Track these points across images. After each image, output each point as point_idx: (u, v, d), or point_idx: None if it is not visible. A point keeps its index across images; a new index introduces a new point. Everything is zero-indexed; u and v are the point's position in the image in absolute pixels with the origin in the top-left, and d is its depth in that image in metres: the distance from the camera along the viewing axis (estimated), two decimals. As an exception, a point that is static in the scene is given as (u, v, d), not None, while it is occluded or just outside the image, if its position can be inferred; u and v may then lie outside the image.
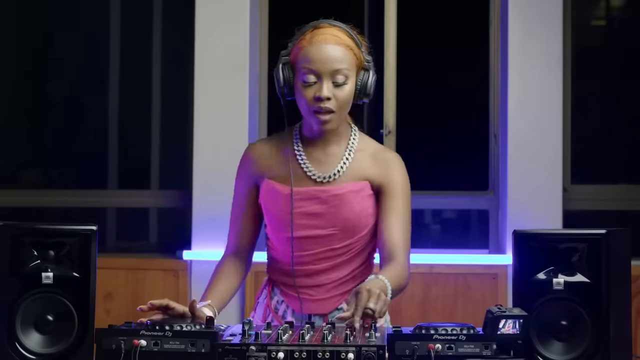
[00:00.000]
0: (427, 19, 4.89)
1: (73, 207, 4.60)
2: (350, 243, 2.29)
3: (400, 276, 2.20)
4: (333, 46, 2.21)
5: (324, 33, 2.23)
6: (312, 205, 2.27)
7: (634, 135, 4.54)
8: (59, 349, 1.90)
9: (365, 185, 2.29)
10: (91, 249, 1.92)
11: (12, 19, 4.85)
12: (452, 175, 4.66)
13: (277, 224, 2.29)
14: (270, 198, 2.29)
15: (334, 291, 2.31)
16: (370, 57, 2.28)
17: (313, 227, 2.27)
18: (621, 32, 4.90)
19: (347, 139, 2.33)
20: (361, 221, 2.28)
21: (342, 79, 2.21)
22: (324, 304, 2.32)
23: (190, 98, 4.23)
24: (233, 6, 4.18)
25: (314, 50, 2.21)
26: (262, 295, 2.41)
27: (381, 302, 1.96)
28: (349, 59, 2.22)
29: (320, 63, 2.20)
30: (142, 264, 4.21)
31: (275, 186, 2.29)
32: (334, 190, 2.27)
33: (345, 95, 2.23)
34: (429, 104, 4.83)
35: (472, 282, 4.06)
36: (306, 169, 2.29)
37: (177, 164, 4.53)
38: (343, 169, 2.29)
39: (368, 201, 2.29)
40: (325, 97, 2.20)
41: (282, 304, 2.36)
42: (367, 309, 1.93)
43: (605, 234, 1.93)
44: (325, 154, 2.31)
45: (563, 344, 1.92)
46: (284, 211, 2.27)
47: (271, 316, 2.36)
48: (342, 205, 2.26)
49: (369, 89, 2.26)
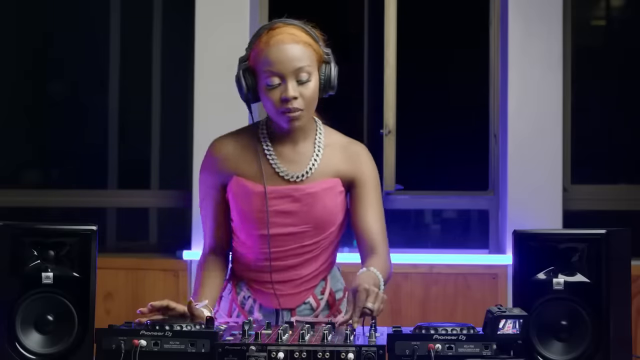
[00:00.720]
0: (427, 18, 4.89)
1: (73, 207, 4.60)
2: (320, 239, 2.32)
3: (386, 267, 2.24)
4: (291, 45, 2.20)
5: (281, 33, 2.22)
6: (286, 204, 2.28)
7: (634, 135, 4.54)
8: (59, 349, 1.90)
9: (337, 182, 2.31)
10: (91, 249, 1.93)
11: (12, 19, 4.85)
12: (452, 175, 4.66)
13: (248, 221, 2.30)
14: (242, 196, 2.30)
15: (302, 286, 2.34)
16: (328, 49, 2.28)
17: (286, 224, 2.29)
18: (621, 32, 4.90)
19: (313, 134, 2.34)
20: (332, 218, 2.31)
21: (306, 77, 2.21)
22: (292, 299, 2.34)
23: (190, 98, 4.23)
24: (233, 6, 4.18)
25: (273, 52, 2.20)
26: (227, 290, 2.41)
27: (379, 300, 1.97)
28: (309, 56, 2.22)
29: (282, 64, 2.20)
30: (142, 264, 4.21)
31: (247, 184, 2.29)
32: (307, 189, 2.28)
33: (311, 92, 2.23)
34: (429, 103, 4.82)
35: (472, 282, 4.06)
36: (277, 169, 2.29)
37: (177, 164, 4.53)
38: (314, 166, 2.30)
39: (339, 197, 2.31)
40: (292, 97, 2.20)
41: (249, 299, 2.37)
42: (365, 309, 1.94)
43: (605, 234, 1.93)
44: (294, 152, 2.31)
45: (563, 344, 1.92)
46: (257, 209, 2.28)
47: (237, 311, 2.37)
48: (315, 203, 2.28)
49: (333, 82, 2.27)
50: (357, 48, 4.64)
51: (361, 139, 4.44)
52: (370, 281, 2.06)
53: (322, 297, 2.36)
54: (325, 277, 2.39)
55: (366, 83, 4.71)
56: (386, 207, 4.28)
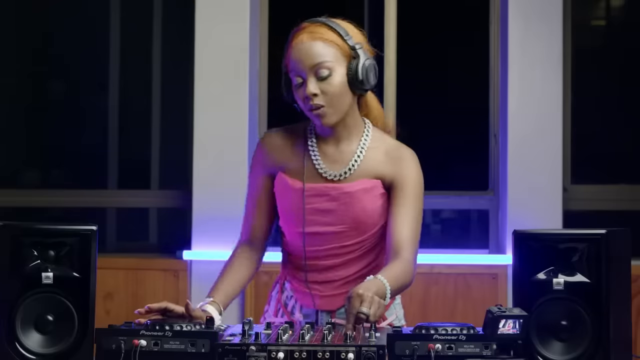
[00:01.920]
0: (427, 18, 4.89)
1: (73, 207, 4.60)
2: (361, 241, 2.29)
3: (404, 273, 2.17)
4: (309, 42, 2.20)
5: (301, 33, 2.23)
6: (323, 202, 2.26)
7: (634, 135, 4.54)
8: (59, 349, 1.90)
9: (377, 184, 2.28)
10: (91, 249, 1.92)
11: (11, 18, 4.85)
12: (452, 175, 4.66)
13: (288, 218, 2.30)
14: (282, 192, 2.30)
15: (342, 288, 2.30)
16: (359, 43, 2.25)
17: (323, 223, 2.27)
18: (621, 32, 4.90)
19: (359, 135, 2.32)
20: (372, 219, 2.27)
21: (326, 72, 2.20)
22: (332, 301, 2.31)
23: (190, 98, 4.23)
24: (233, 6, 4.17)
25: (294, 53, 2.22)
26: (275, 290, 2.41)
27: (375, 304, 1.93)
28: (329, 51, 2.21)
29: (300, 62, 2.20)
30: (142, 264, 4.21)
31: (287, 180, 2.29)
32: (345, 188, 2.26)
33: (334, 87, 2.21)
34: (429, 103, 4.83)
35: (472, 282, 4.06)
36: (318, 167, 2.28)
37: (177, 164, 4.53)
38: (354, 166, 2.28)
39: (379, 200, 2.28)
40: (310, 94, 2.20)
41: (292, 299, 2.36)
42: (360, 314, 1.91)
43: (605, 234, 1.93)
44: (337, 151, 2.30)
45: (563, 344, 1.92)
46: (295, 206, 2.27)
47: (282, 311, 2.36)
48: (352, 203, 2.26)
49: (361, 76, 2.23)
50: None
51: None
52: (372, 288, 2.00)
53: None
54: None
55: (366, 83, 4.71)
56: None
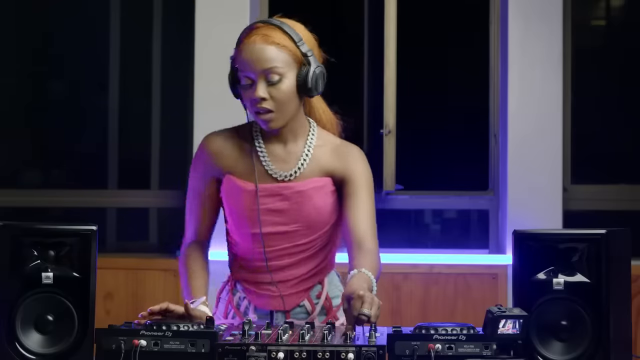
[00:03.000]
0: (427, 18, 4.89)
1: (73, 207, 4.60)
2: (314, 239, 2.31)
3: (374, 264, 2.18)
4: (262, 46, 2.20)
5: (255, 34, 2.22)
6: (276, 202, 2.27)
7: (634, 135, 4.53)
8: (59, 349, 1.90)
9: (327, 182, 2.30)
10: (91, 249, 1.92)
11: (11, 18, 4.85)
12: (452, 175, 4.66)
13: (240, 220, 2.30)
14: (233, 194, 2.30)
15: (296, 287, 2.33)
16: (311, 50, 2.24)
17: (277, 223, 2.28)
18: (621, 32, 4.90)
19: (304, 135, 2.33)
20: (324, 217, 2.29)
21: (276, 78, 2.20)
22: (288, 300, 2.33)
23: (190, 98, 4.23)
24: (233, 6, 4.17)
25: (245, 53, 2.21)
26: (224, 292, 2.41)
27: (375, 306, 1.93)
28: (281, 57, 2.20)
29: (251, 64, 2.20)
30: (142, 264, 4.21)
31: (238, 182, 2.29)
32: (297, 187, 2.27)
33: (282, 93, 2.21)
34: (429, 103, 4.83)
35: (472, 282, 4.06)
36: (267, 167, 2.29)
37: (177, 164, 4.53)
38: (303, 165, 2.29)
39: (331, 197, 2.30)
40: (259, 97, 2.20)
41: (244, 300, 2.36)
42: (362, 315, 1.91)
43: (605, 234, 1.93)
44: (285, 151, 2.31)
45: (563, 344, 1.92)
46: (248, 208, 2.28)
47: (232, 312, 2.37)
48: (305, 201, 2.27)
49: (310, 84, 2.22)
50: (357, 48, 4.63)
51: (361, 139, 4.46)
52: (364, 285, 2.01)
53: (317, 301, 2.35)
54: (322, 281, 2.37)
55: (366, 83, 4.71)
56: (386, 207, 4.31)
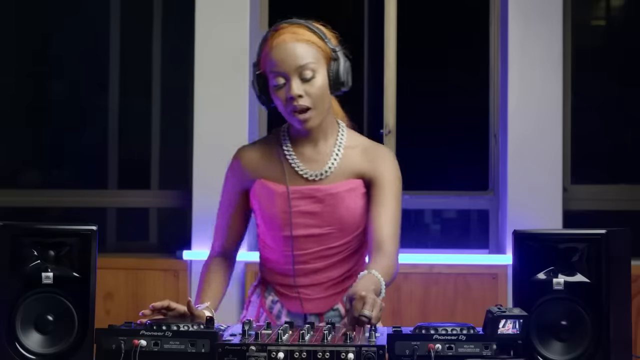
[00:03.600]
0: (427, 18, 4.89)
1: (73, 207, 4.60)
2: (347, 242, 2.29)
3: (389, 267, 2.17)
4: (293, 44, 2.21)
5: (283, 33, 2.23)
6: (308, 204, 2.27)
7: (634, 135, 4.53)
8: (59, 349, 1.90)
9: (359, 184, 2.29)
10: (91, 249, 1.92)
11: (11, 19, 4.85)
12: (452, 175, 4.66)
13: (272, 223, 2.29)
14: (266, 197, 2.29)
15: (330, 290, 2.31)
16: (337, 46, 2.26)
17: (310, 225, 2.27)
18: (621, 32, 4.90)
19: (334, 136, 2.33)
20: (356, 219, 2.28)
21: (310, 74, 2.21)
22: (320, 303, 2.32)
23: (190, 98, 4.23)
24: (233, 6, 4.17)
25: (275, 53, 2.22)
26: (255, 295, 2.41)
27: (376, 307, 1.92)
28: (312, 53, 2.22)
29: (284, 63, 2.20)
30: (142, 264, 4.21)
31: (270, 185, 2.29)
32: (329, 189, 2.27)
33: (317, 89, 2.22)
34: (429, 103, 4.83)
35: (472, 282, 4.06)
36: (297, 168, 2.29)
37: (177, 164, 4.53)
38: (334, 165, 2.29)
39: (363, 199, 2.29)
40: (295, 95, 2.20)
41: (277, 303, 2.35)
42: (362, 317, 1.90)
43: (605, 234, 1.93)
44: (315, 151, 2.31)
45: (563, 344, 1.92)
46: (281, 210, 2.27)
47: (265, 316, 2.36)
48: (337, 203, 2.26)
49: (342, 77, 2.25)
50: (357, 48, 4.63)
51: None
52: (371, 286, 2.00)
53: None
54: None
55: (366, 83, 4.71)
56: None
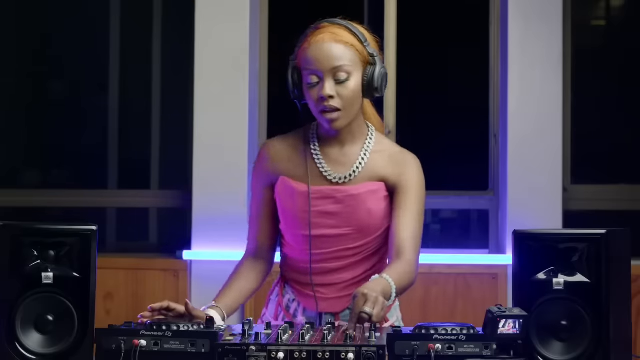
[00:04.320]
0: (427, 18, 4.89)
1: (73, 207, 4.60)
2: (365, 243, 2.29)
3: (406, 273, 2.18)
4: (331, 44, 2.21)
5: (322, 32, 2.23)
6: (328, 205, 2.27)
7: (634, 135, 4.54)
8: (59, 349, 1.90)
9: (381, 187, 2.29)
10: (91, 249, 1.92)
11: (11, 19, 4.85)
12: (452, 175, 4.66)
13: (292, 221, 2.29)
14: (287, 195, 2.29)
15: (346, 291, 2.30)
16: (376, 51, 2.27)
17: (329, 226, 2.27)
18: (621, 32, 4.90)
19: (363, 139, 2.32)
20: (376, 222, 2.28)
21: (344, 76, 2.21)
22: (336, 303, 2.31)
23: (190, 98, 4.23)
24: (233, 6, 4.17)
25: (312, 51, 2.21)
26: (274, 293, 2.41)
27: (378, 305, 1.93)
28: (349, 56, 2.22)
29: (319, 62, 2.20)
30: (142, 264, 4.21)
31: (292, 184, 2.29)
32: (350, 190, 2.26)
33: (350, 92, 2.22)
34: (429, 103, 4.83)
35: (472, 282, 4.06)
36: (322, 169, 2.29)
37: (177, 164, 4.53)
38: (359, 169, 2.29)
39: (383, 202, 2.29)
40: (327, 95, 2.20)
41: (294, 302, 2.35)
42: (363, 314, 1.91)
43: (605, 234, 1.93)
44: (341, 153, 2.30)
45: (563, 344, 1.92)
46: (300, 209, 2.27)
47: (282, 314, 2.36)
48: (358, 205, 2.26)
49: (376, 83, 2.25)
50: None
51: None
52: (378, 288, 2.01)
53: None
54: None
55: (366, 83, 4.70)
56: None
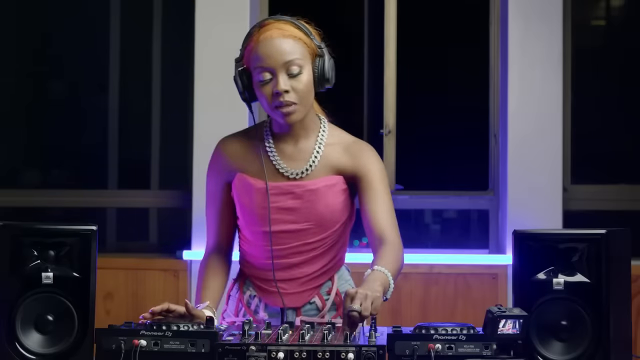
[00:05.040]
0: (427, 18, 4.90)
1: (73, 207, 4.60)
2: (324, 237, 2.30)
3: (396, 256, 2.19)
4: (280, 39, 2.20)
5: (269, 29, 2.22)
6: (287, 200, 2.27)
7: (633, 135, 4.54)
8: (59, 349, 1.90)
9: (339, 180, 2.29)
10: (91, 249, 1.93)
11: (11, 19, 4.85)
12: (452, 175, 4.66)
13: (251, 218, 2.30)
14: (244, 192, 2.30)
15: (306, 285, 2.33)
16: (322, 43, 2.26)
17: (288, 221, 2.28)
18: (621, 32, 4.90)
19: (316, 132, 2.33)
20: (335, 215, 2.29)
21: (297, 70, 2.20)
22: (297, 298, 2.33)
23: (190, 98, 4.23)
24: (233, 6, 4.18)
25: (262, 48, 2.21)
26: (234, 289, 2.41)
27: (367, 300, 1.92)
28: (299, 49, 2.21)
29: (271, 58, 2.20)
30: (142, 264, 4.21)
31: (249, 180, 2.29)
32: (308, 185, 2.27)
33: (303, 85, 2.22)
34: (429, 103, 4.83)
35: (472, 282, 4.06)
36: (278, 166, 2.29)
37: (177, 164, 4.53)
38: (315, 163, 2.29)
39: (342, 195, 2.30)
40: (282, 90, 2.19)
41: (255, 298, 2.36)
42: (352, 312, 1.90)
43: (605, 234, 1.93)
44: (296, 149, 2.31)
45: (563, 344, 1.92)
46: (259, 206, 2.28)
47: (243, 310, 2.37)
48: (316, 200, 2.27)
49: (327, 74, 2.25)
50: (357, 48, 4.64)
51: (361, 139, 4.45)
52: (376, 284, 2.01)
53: (328, 298, 2.34)
54: (332, 277, 2.37)
55: (366, 83, 4.71)
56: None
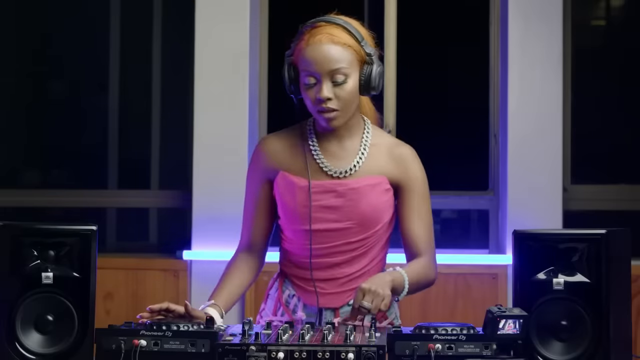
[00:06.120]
0: (427, 18, 4.89)
1: (73, 207, 4.60)
2: (366, 237, 2.29)
3: (423, 269, 2.24)
4: (329, 46, 2.21)
5: (320, 33, 2.22)
6: (329, 199, 2.27)
7: (634, 135, 4.54)
8: (59, 349, 1.90)
9: (382, 180, 2.29)
10: (91, 249, 1.93)
11: (11, 19, 4.85)
12: (452, 175, 4.66)
13: (293, 216, 2.29)
14: (287, 190, 2.29)
15: (346, 286, 2.30)
16: (372, 49, 2.27)
17: (330, 220, 2.27)
18: (621, 32, 4.90)
19: (360, 133, 2.33)
20: (377, 215, 2.28)
21: (342, 78, 2.21)
22: (336, 298, 2.31)
23: (190, 98, 4.23)
24: (233, 6, 4.17)
25: (310, 52, 2.21)
26: (273, 288, 2.40)
27: (378, 298, 1.94)
28: (347, 57, 2.22)
29: (317, 64, 2.20)
30: (142, 264, 4.21)
31: (292, 178, 2.29)
32: (351, 184, 2.27)
33: (347, 93, 2.22)
34: (429, 103, 4.83)
35: (472, 282, 4.06)
36: (321, 164, 2.29)
37: (177, 164, 4.53)
38: (359, 163, 2.29)
39: (385, 195, 2.29)
40: (325, 97, 2.20)
41: (294, 297, 2.35)
42: (362, 308, 1.92)
43: (605, 234, 1.93)
44: (340, 148, 2.31)
45: (563, 344, 1.92)
46: (301, 204, 2.27)
47: (282, 309, 2.35)
48: (359, 199, 2.26)
49: (373, 83, 2.26)
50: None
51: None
52: (387, 278, 2.04)
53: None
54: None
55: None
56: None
